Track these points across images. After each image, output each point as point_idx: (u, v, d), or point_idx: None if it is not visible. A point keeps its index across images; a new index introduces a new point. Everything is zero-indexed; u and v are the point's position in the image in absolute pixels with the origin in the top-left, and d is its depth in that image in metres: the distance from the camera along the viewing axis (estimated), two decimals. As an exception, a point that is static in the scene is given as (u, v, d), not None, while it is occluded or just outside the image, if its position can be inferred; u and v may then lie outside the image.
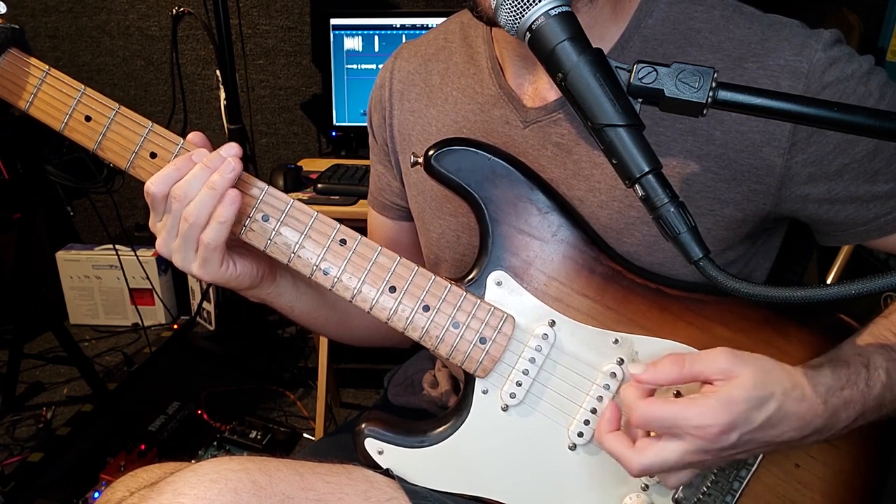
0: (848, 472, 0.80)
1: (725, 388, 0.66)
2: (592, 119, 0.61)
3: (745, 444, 0.68)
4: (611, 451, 0.71)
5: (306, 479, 0.77)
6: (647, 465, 0.68)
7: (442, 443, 0.82)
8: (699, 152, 0.78)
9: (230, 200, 0.74)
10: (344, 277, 0.79)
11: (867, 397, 0.71)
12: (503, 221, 0.80)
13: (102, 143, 0.78)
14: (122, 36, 2.58)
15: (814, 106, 0.59)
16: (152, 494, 0.71)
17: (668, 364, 0.69)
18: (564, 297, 0.80)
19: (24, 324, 2.10)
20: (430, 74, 0.95)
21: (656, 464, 0.68)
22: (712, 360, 0.68)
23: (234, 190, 0.74)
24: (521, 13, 0.63)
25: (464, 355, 0.80)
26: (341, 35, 2.14)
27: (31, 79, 0.77)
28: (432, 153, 0.80)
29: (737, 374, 0.67)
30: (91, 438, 2.02)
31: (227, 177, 0.74)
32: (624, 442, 0.70)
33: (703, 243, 0.60)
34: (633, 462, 0.69)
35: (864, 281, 0.55)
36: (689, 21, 0.80)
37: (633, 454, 0.69)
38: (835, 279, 1.32)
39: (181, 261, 0.77)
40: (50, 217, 2.72)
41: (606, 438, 0.72)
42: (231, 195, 0.74)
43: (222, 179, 0.74)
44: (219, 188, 0.73)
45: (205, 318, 2.69)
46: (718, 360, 0.67)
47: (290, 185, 1.87)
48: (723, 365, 0.67)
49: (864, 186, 0.77)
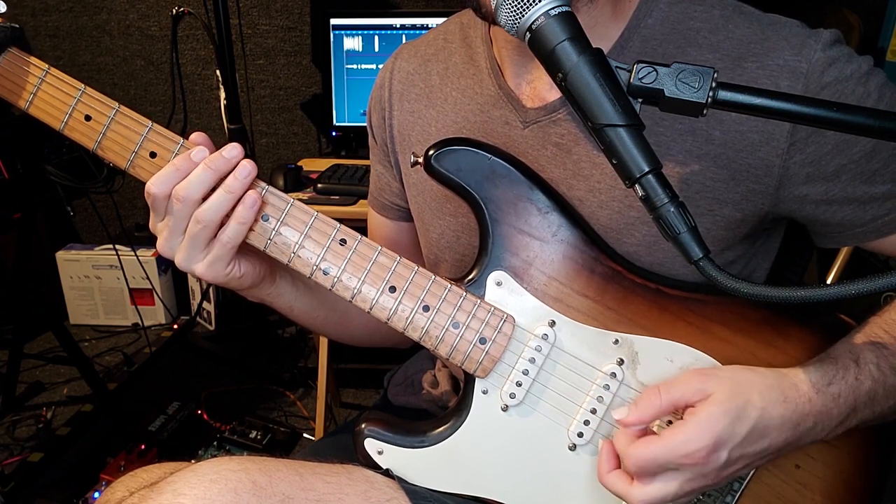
0: (848, 473, 0.80)
1: (702, 406, 0.67)
2: (592, 119, 0.61)
3: (739, 458, 0.68)
4: (613, 490, 0.72)
5: (306, 480, 0.77)
6: (649, 500, 0.69)
7: (442, 443, 0.82)
8: (698, 152, 0.78)
9: (251, 202, 0.75)
10: (344, 277, 0.79)
11: (858, 392, 0.71)
12: (503, 221, 0.80)
13: (102, 143, 0.78)
14: (122, 36, 2.58)
15: (813, 106, 0.59)
16: (152, 494, 0.71)
17: (646, 400, 0.70)
18: (564, 297, 0.80)
19: (24, 324, 2.10)
20: (429, 75, 0.95)
21: (658, 497, 0.69)
22: (687, 384, 0.69)
23: (255, 192, 0.75)
24: (521, 13, 0.63)
25: (464, 355, 0.80)
26: (341, 35, 2.14)
27: (30, 78, 0.77)
28: (432, 153, 0.80)
29: (711, 390, 0.68)
30: (91, 438, 2.03)
31: (243, 181, 0.74)
32: (624, 479, 0.71)
33: (703, 243, 0.60)
34: (635, 499, 0.70)
35: (864, 281, 0.55)
36: (689, 21, 0.80)
37: (635, 491, 0.70)
38: (835, 279, 1.32)
39: (184, 261, 0.77)
40: (50, 217, 2.72)
41: (607, 479, 0.72)
42: (252, 196, 0.75)
43: (239, 183, 0.74)
44: (236, 191, 0.74)
45: (205, 318, 2.69)
46: (692, 381, 0.69)
47: (290, 185, 1.87)
48: (696, 385, 0.68)
49: (861, 187, 0.77)
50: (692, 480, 0.68)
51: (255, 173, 0.75)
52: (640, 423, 0.70)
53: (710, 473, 0.68)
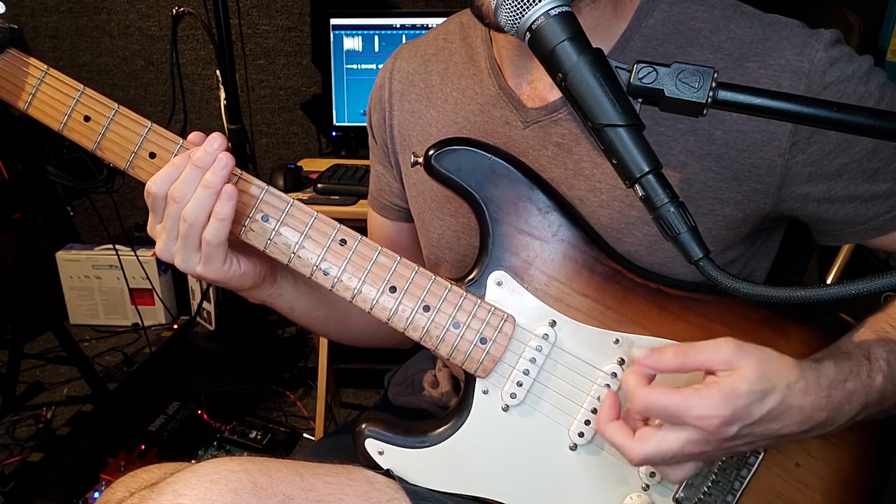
0: (848, 471, 0.80)
1: (728, 379, 0.65)
2: (592, 119, 0.61)
3: (746, 436, 0.67)
4: (611, 440, 0.70)
5: (306, 480, 0.77)
6: (648, 453, 0.67)
7: (442, 443, 0.82)
8: (700, 152, 0.78)
9: (227, 196, 0.73)
10: (344, 278, 0.79)
11: (870, 388, 0.71)
12: (503, 221, 0.80)
13: (102, 144, 0.78)
14: (122, 36, 2.58)
15: (814, 106, 0.59)
16: (152, 495, 0.71)
17: (671, 352, 0.68)
18: (565, 296, 0.80)
19: (24, 324, 2.10)
20: (429, 75, 0.95)
21: (657, 453, 0.67)
22: (716, 351, 0.66)
23: (231, 186, 0.74)
24: (521, 13, 0.63)
25: (464, 355, 0.80)
26: (341, 35, 2.14)
27: (29, 79, 0.77)
28: (432, 153, 0.80)
29: (740, 365, 0.65)
30: (91, 438, 2.02)
31: (219, 174, 0.73)
32: (625, 431, 0.69)
33: (703, 243, 0.60)
34: (633, 451, 0.68)
35: (864, 281, 0.55)
36: (690, 21, 0.80)
37: (634, 443, 0.68)
38: (835, 279, 1.32)
39: (183, 262, 0.77)
40: (50, 217, 2.72)
41: (607, 428, 0.71)
42: (228, 191, 0.73)
43: (216, 177, 0.73)
44: (214, 186, 0.73)
45: (205, 318, 2.69)
46: (722, 350, 0.66)
47: (290, 185, 1.87)
48: (726, 356, 0.66)
49: (863, 186, 0.77)
50: (694, 444, 0.66)
51: (231, 165, 0.74)
52: (656, 368, 0.68)
53: (714, 442, 0.66)
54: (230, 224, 0.75)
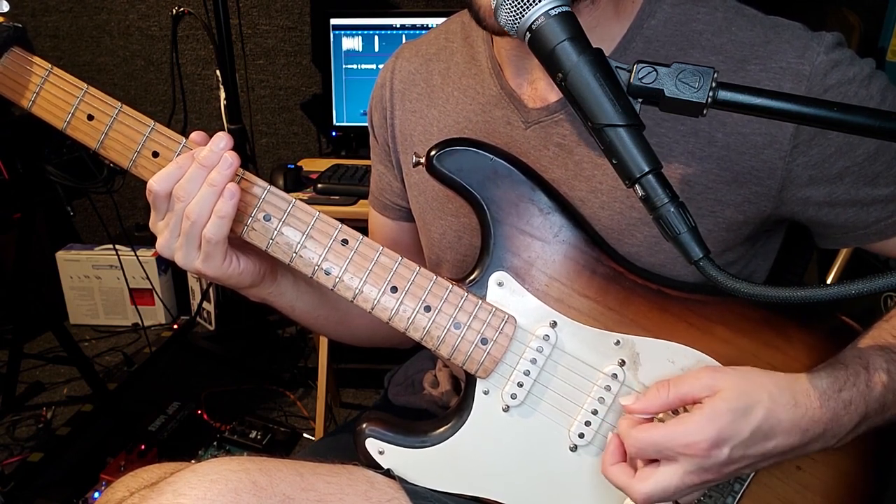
0: (849, 475, 0.80)
1: (709, 402, 0.67)
2: (592, 119, 0.61)
3: (742, 458, 0.68)
4: (615, 482, 0.72)
5: (307, 480, 0.77)
6: (650, 492, 0.69)
7: (443, 443, 0.82)
8: (701, 154, 0.78)
9: (229, 195, 0.74)
10: (345, 277, 0.79)
11: (868, 398, 0.71)
12: (505, 222, 0.80)
13: (105, 143, 0.78)
14: (122, 36, 2.58)
15: (814, 106, 0.59)
16: (152, 495, 0.71)
17: (654, 391, 0.71)
18: (566, 297, 0.80)
19: (24, 324, 2.10)
20: (431, 74, 0.95)
21: (658, 489, 0.69)
22: (695, 379, 0.69)
23: (233, 184, 0.74)
24: (521, 13, 0.63)
25: (465, 356, 0.80)
26: (341, 35, 2.14)
27: (33, 77, 0.77)
28: (434, 153, 0.80)
29: (720, 387, 0.68)
30: (91, 438, 2.02)
31: (224, 172, 0.74)
32: (627, 472, 0.71)
33: (703, 243, 0.60)
34: (636, 491, 0.70)
35: (864, 281, 0.55)
36: (692, 23, 0.80)
37: (635, 483, 0.70)
38: (835, 279, 1.32)
39: (183, 258, 0.77)
40: (50, 217, 2.72)
41: (610, 471, 0.73)
42: (230, 189, 0.74)
43: (220, 176, 0.74)
44: (218, 184, 0.74)
45: (205, 318, 2.69)
46: (701, 377, 0.69)
47: (290, 185, 1.87)
48: (706, 381, 0.69)
49: (864, 189, 0.77)
50: (693, 473, 0.68)
51: (236, 164, 0.75)
52: (645, 412, 0.71)
53: (712, 468, 0.68)
54: (231, 222, 0.75)
